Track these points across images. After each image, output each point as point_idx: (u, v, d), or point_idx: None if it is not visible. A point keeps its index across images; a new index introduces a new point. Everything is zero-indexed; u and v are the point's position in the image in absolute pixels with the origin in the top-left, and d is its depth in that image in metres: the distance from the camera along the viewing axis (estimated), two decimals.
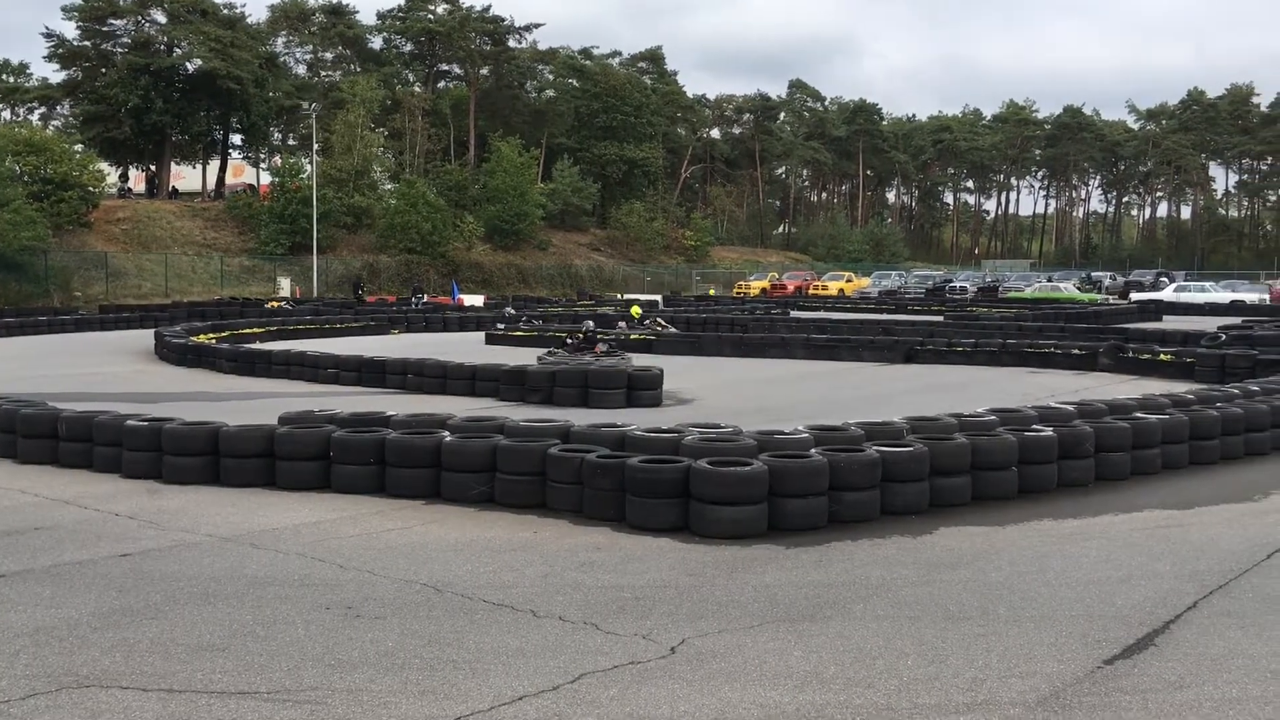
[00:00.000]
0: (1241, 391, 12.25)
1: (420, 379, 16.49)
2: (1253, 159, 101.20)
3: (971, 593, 6.23)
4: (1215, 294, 46.38)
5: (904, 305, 45.66)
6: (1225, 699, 4.64)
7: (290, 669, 4.87)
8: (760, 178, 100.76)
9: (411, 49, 75.44)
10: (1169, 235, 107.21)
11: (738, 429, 9.12)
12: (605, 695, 4.60)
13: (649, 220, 72.91)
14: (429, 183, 59.35)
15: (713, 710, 4.45)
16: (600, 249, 70.64)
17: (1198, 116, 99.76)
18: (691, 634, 5.42)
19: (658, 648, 5.21)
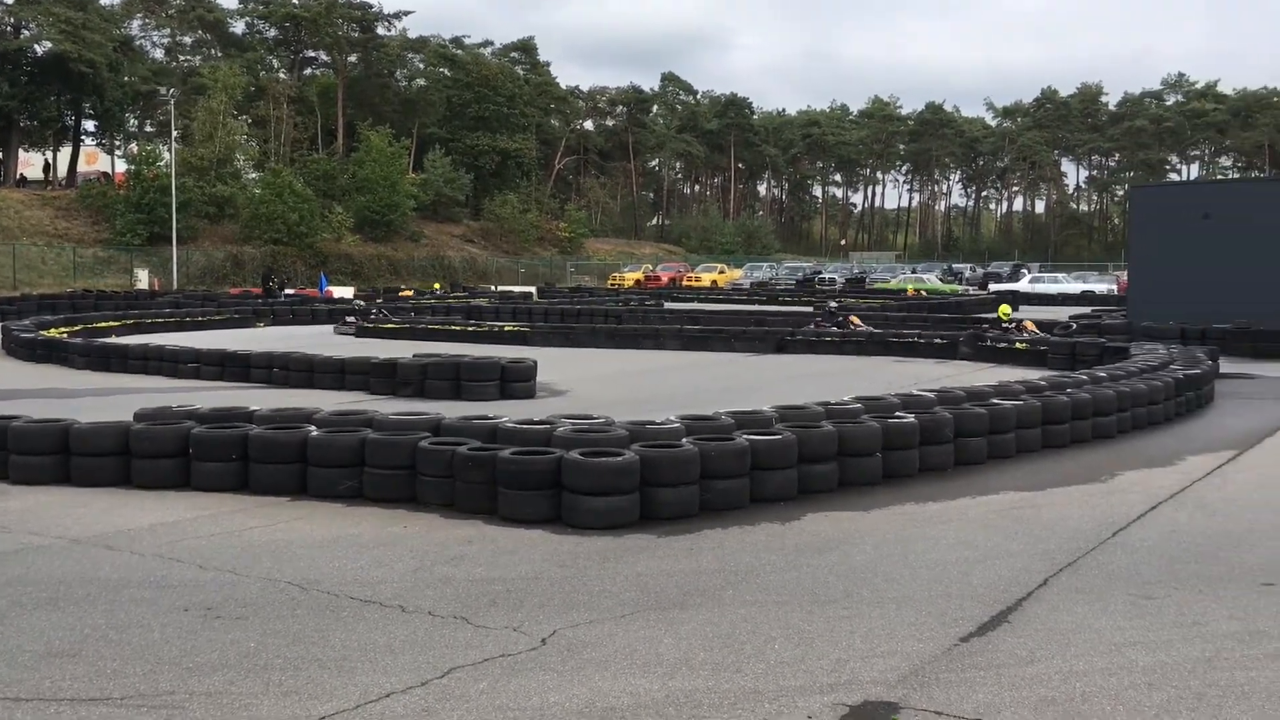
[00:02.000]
0: (1090, 378, 12.80)
1: (286, 373, 16.08)
2: (1102, 155, 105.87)
3: (837, 576, 6.37)
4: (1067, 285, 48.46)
5: (775, 296, 46.44)
6: (1072, 671, 4.85)
7: (145, 673, 4.71)
8: (634, 170, 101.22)
9: (276, 34, 73.45)
10: (1025, 228, 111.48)
11: (610, 420, 9.15)
12: (475, 689, 4.56)
13: (523, 212, 72.50)
14: (295, 172, 57.81)
15: (583, 699, 4.47)
16: (474, 240, 69.97)
17: (1051, 114, 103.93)
18: (563, 625, 5.42)
19: (529, 639, 5.20)
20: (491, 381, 14.88)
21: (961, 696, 4.54)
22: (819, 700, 4.48)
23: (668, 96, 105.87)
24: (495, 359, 15.68)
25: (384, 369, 15.28)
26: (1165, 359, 15.35)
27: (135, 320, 27.27)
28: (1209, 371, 15.12)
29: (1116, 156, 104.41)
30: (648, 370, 19.18)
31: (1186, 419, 13.27)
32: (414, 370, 15.03)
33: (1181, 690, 4.62)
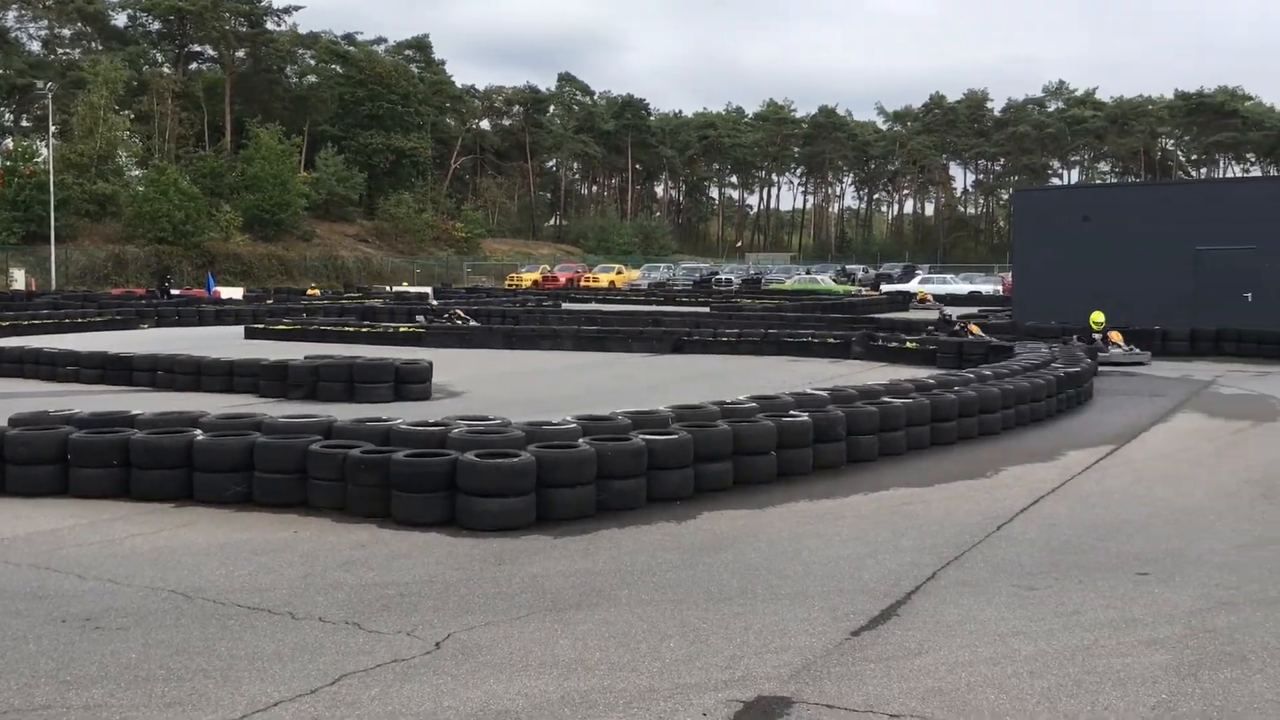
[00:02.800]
0: (976, 376, 13.15)
1: (171, 376, 15.60)
2: (988, 160, 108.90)
3: (732, 574, 6.43)
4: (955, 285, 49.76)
5: (672, 297, 46.73)
6: (958, 662, 4.97)
7: (20, 688, 4.52)
8: (531, 170, 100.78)
9: (160, 28, 71.37)
10: (915, 230, 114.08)
11: (506, 421, 9.09)
12: (366, 695, 4.49)
13: (418, 211, 71.65)
14: (181, 169, 56.22)
15: (477, 703, 4.43)
16: (368, 240, 68.88)
17: (939, 119, 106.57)
18: (457, 628, 5.36)
19: (422, 644, 5.13)
20: (385, 383, 14.67)
21: (852, 689, 4.62)
22: (714, 697, 4.52)
23: (565, 97, 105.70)
24: (389, 360, 15.45)
25: (274, 371, 14.94)
26: (1047, 357, 15.85)
27: (11, 322, 26.19)
28: (1088, 369, 15.66)
29: (1002, 161, 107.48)
30: (545, 371, 19.11)
31: (1067, 415, 13.72)
32: (305, 372, 14.72)
33: (1062, 678, 4.77)
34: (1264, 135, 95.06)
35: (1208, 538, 7.40)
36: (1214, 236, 23.91)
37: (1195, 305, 23.30)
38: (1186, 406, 14.61)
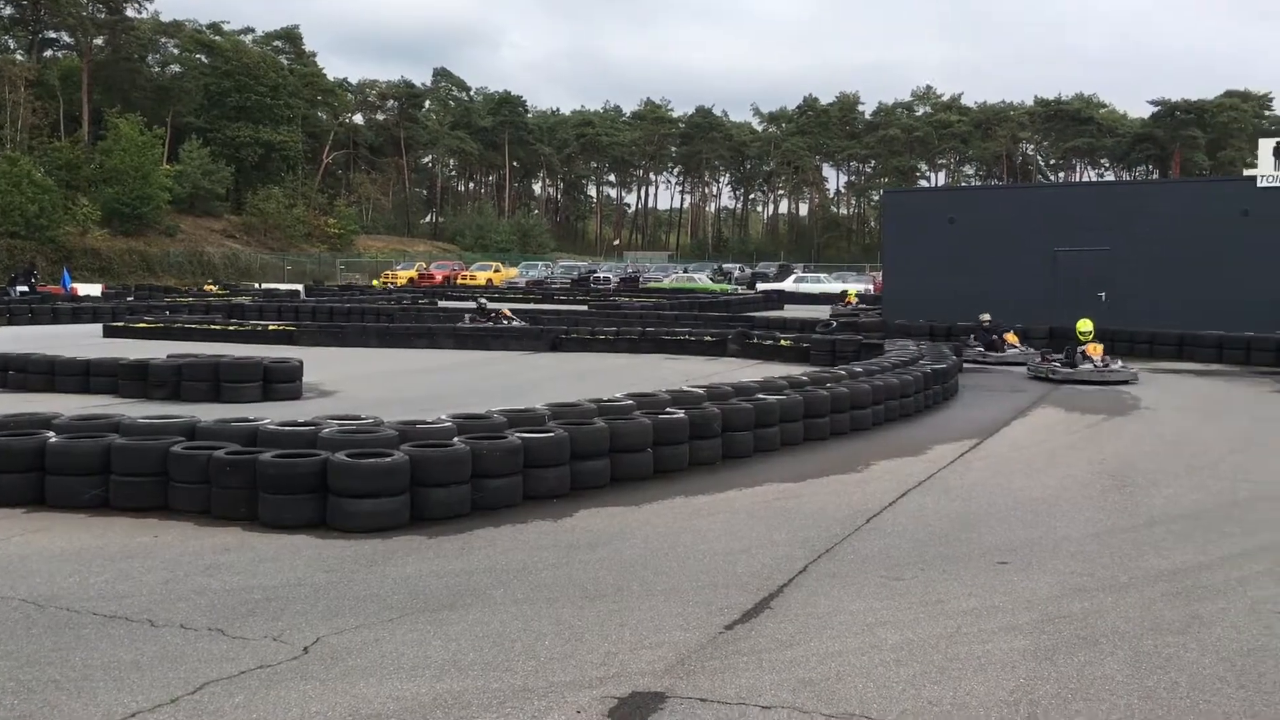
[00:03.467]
0: (848, 373, 13.45)
1: (24, 375, 14.88)
2: (859, 162, 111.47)
3: (608, 571, 6.44)
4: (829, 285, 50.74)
5: (550, 295, 46.59)
6: (829, 652, 5.07)
7: None
8: (406, 166, 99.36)
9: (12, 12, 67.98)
10: (790, 230, 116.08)
11: (379, 420, 8.93)
12: (230, 703, 4.35)
13: (289, 207, 69.89)
14: (35, 160, 53.67)
15: (346, 708, 4.33)
16: (236, 236, 66.89)
17: (812, 121, 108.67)
18: (327, 632, 5.24)
19: (289, 649, 5.00)
20: (253, 383, 14.27)
21: (725, 682, 4.66)
22: (588, 694, 4.51)
23: (440, 92, 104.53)
24: (257, 359, 15.02)
25: (134, 370, 14.38)
26: (915, 355, 16.31)
27: None
28: (954, 366, 16.17)
29: (872, 163, 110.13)
30: (421, 370, 18.85)
31: (934, 410, 14.13)
32: (167, 371, 14.22)
33: (926, 665, 4.91)
34: (1116, 141, 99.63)
35: (1063, 527, 7.70)
36: (1071, 238, 24.94)
37: (1054, 304, 24.26)
38: (1045, 401, 15.19)
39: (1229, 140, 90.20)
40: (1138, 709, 4.43)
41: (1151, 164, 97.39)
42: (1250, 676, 4.80)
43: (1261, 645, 5.22)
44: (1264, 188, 23.57)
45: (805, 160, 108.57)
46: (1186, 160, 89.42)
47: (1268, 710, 4.42)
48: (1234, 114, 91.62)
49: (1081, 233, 24.90)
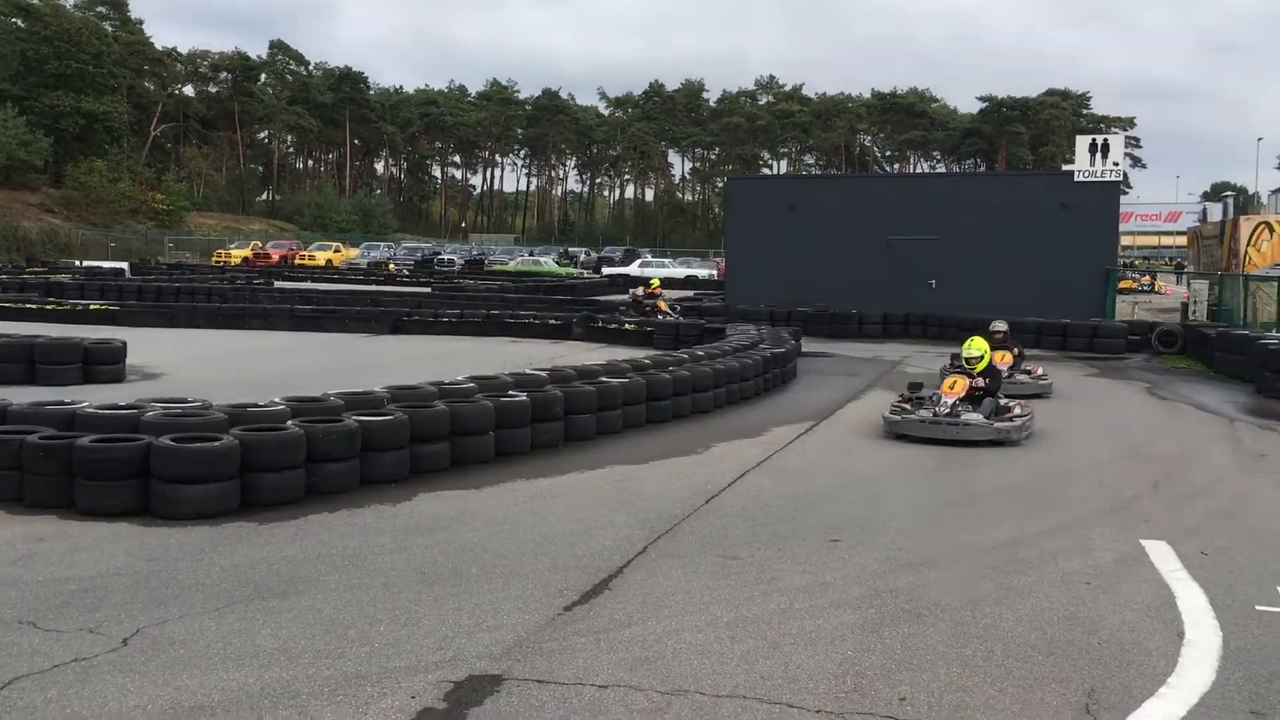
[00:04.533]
0: (690, 357, 13.63)
1: None
2: (704, 148, 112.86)
3: (446, 555, 6.37)
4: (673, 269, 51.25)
5: (392, 277, 45.72)
6: (666, 631, 5.13)
7: None
8: (240, 141, 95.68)
9: None
10: (636, 215, 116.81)
11: (207, 403, 8.60)
12: (42, 698, 4.13)
13: (113, 181, 66.45)
14: None
15: (168, 700, 4.17)
16: (54, 210, 63.26)
17: (658, 107, 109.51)
18: (148, 623, 5.03)
19: (107, 641, 4.78)
20: (72, 364, 13.58)
21: (563, 664, 4.67)
22: (424, 679, 4.46)
23: (277, 65, 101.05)
24: (77, 339, 14.28)
25: None
26: (756, 339, 16.63)
27: None
28: (792, 350, 16.56)
29: (717, 150, 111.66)
30: (255, 351, 18.25)
31: (773, 393, 14.46)
32: None
33: (759, 641, 5.02)
34: (947, 135, 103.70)
35: (891, 505, 7.99)
36: (904, 227, 25.83)
37: (888, 291, 25.10)
38: (878, 385, 15.72)
39: (1050, 136, 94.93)
40: (956, 676, 4.64)
41: (979, 157, 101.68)
42: (1060, 644, 5.07)
43: (1071, 614, 5.52)
44: (1080, 182, 24.88)
45: (651, 146, 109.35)
46: (1011, 154, 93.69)
47: (1076, 675, 4.68)
48: (1055, 111, 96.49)
49: (914, 222, 25.81)
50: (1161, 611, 5.59)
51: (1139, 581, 6.13)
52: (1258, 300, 21.71)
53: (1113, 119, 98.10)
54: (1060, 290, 23.85)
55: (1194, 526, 7.47)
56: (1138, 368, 18.71)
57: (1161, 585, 6.05)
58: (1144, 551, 6.75)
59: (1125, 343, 20.91)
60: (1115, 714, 4.27)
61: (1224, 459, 10.25)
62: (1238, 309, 22.06)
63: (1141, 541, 6.98)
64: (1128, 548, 6.86)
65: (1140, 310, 29.00)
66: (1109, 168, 24.96)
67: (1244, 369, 16.28)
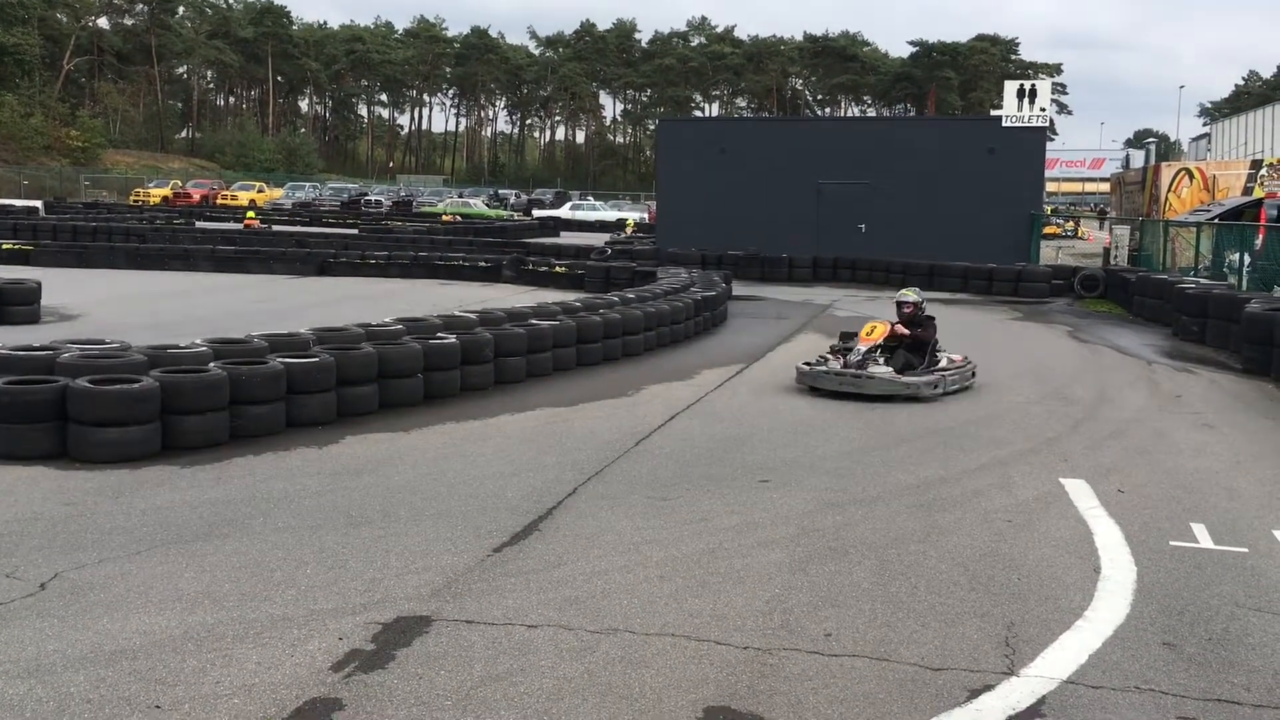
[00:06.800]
0: (621, 300, 13.59)
1: None
2: (636, 90, 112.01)
3: (374, 498, 6.31)
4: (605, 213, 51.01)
5: (319, 218, 44.86)
6: (595, 571, 5.15)
7: None
8: (158, 76, 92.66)
9: None
10: (567, 157, 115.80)
11: (126, 344, 8.39)
12: None
13: (25, 116, 64.18)
14: None
15: (88, 645, 4.08)
16: None
17: (590, 47, 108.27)
18: (67, 566, 4.92)
19: (24, 585, 4.67)
20: None
21: (492, 604, 4.67)
22: (351, 620, 4.42)
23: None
24: None
25: None
26: (687, 282, 16.63)
27: None
28: (723, 294, 16.60)
29: (649, 92, 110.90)
30: (175, 293, 17.84)
31: (704, 336, 14.51)
32: None
33: (688, 580, 5.06)
34: (879, 79, 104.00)
35: (820, 446, 8.08)
36: (834, 171, 25.92)
37: (818, 235, 25.23)
38: (808, 328, 15.83)
39: (979, 81, 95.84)
40: (881, 612, 4.72)
41: (909, 102, 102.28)
42: (982, 580, 5.19)
43: (992, 550, 5.65)
44: (1008, 127, 25.12)
45: (582, 87, 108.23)
46: (941, 100, 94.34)
47: (996, 609, 4.79)
48: (984, 57, 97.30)
49: (844, 166, 25.90)
50: (1079, 547, 5.74)
51: (1058, 518, 6.28)
52: (1177, 245, 22.20)
53: (1040, 65, 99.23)
54: (987, 234, 24.16)
55: (1111, 465, 7.67)
56: (1061, 311, 19.07)
57: (1079, 522, 6.21)
58: (1063, 490, 6.92)
59: (1049, 287, 21.28)
60: (1033, 646, 4.38)
61: (1142, 400, 10.52)
62: (1157, 254, 22.56)
63: (1061, 480, 7.15)
64: (1048, 486, 7.02)
65: (1064, 255, 29.58)
66: (1036, 113, 25.22)
67: (1162, 313, 16.67)
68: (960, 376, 10.47)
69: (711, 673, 4.05)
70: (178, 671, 3.89)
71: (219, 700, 3.68)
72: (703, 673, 4.04)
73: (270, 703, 3.67)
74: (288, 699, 3.71)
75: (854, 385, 9.82)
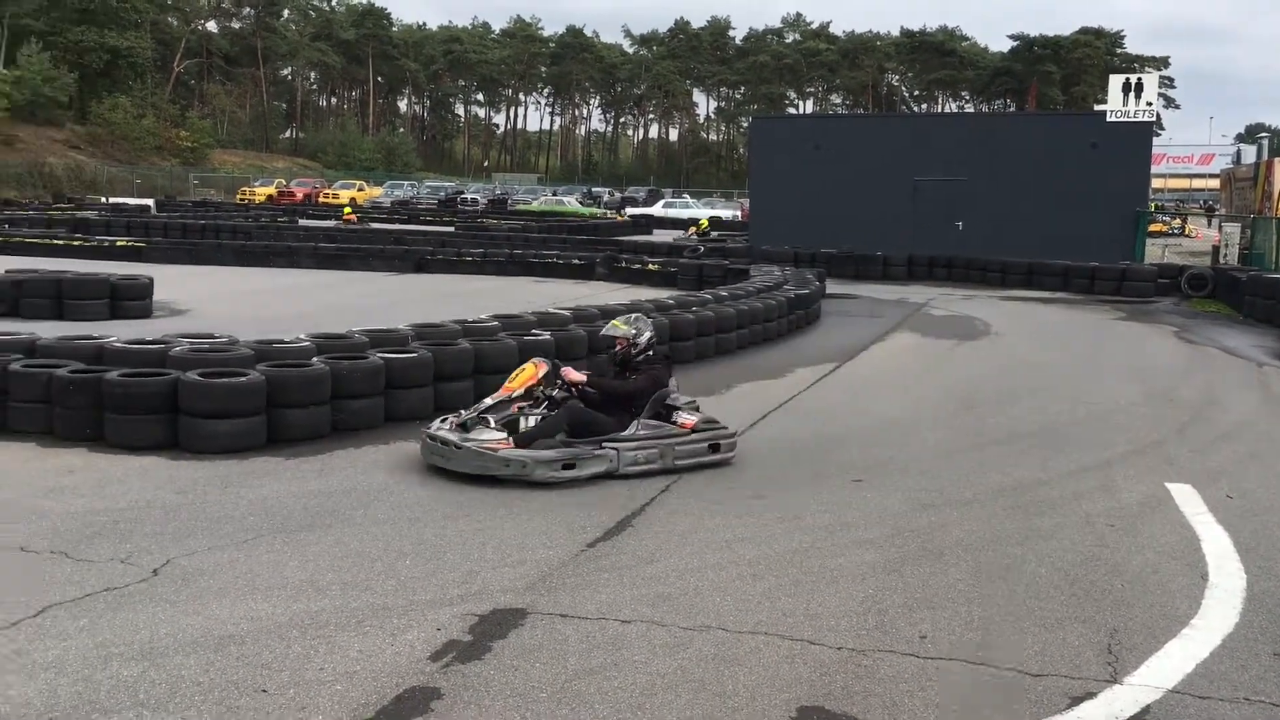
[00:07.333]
0: (714, 297, 13.58)
1: None
2: (729, 88, 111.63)
3: (469, 491, 6.40)
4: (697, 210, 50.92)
5: (416, 216, 45.63)
6: (687, 567, 5.17)
7: None
8: (264, 78, 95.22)
9: None
10: (660, 155, 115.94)
11: (234, 338, 8.66)
12: (74, 626, 4.21)
13: (138, 117, 66.42)
14: None
15: (198, 629, 4.23)
16: (80, 147, 63.35)
17: (684, 45, 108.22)
18: (178, 553, 5.10)
19: (138, 571, 4.85)
20: (99, 300, 13.70)
21: (586, 599, 4.71)
22: (449, 611, 4.51)
23: (300, 1, 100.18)
24: (104, 275, 14.38)
25: None
26: (780, 280, 16.54)
27: None
28: (817, 292, 16.48)
29: (742, 89, 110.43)
30: (280, 289, 18.32)
31: (797, 335, 14.42)
32: (5, 286, 13.52)
33: (781, 578, 5.05)
34: (977, 74, 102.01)
35: (915, 446, 7.98)
36: (931, 168, 25.52)
37: (914, 233, 24.86)
38: (903, 327, 15.63)
39: (1082, 76, 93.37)
40: (978, 615, 4.65)
41: (1009, 97, 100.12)
42: (1082, 585, 5.08)
43: (1093, 555, 5.52)
44: (1113, 122, 24.47)
45: (676, 84, 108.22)
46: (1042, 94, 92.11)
47: (1099, 615, 4.68)
48: (1087, 50, 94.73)
49: (941, 163, 25.49)
50: (1186, 554, 5.58)
51: (1163, 524, 6.11)
52: None
53: (1146, 59, 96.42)
54: (1089, 232, 23.57)
55: (1220, 470, 7.43)
56: (1167, 311, 18.52)
57: (1186, 528, 6.04)
58: (1169, 494, 6.73)
59: (1154, 286, 20.67)
60: (1138, 654, 4.28)
61: (1252, 403, 10.17)
62: (1270, 252, 21.75)
63: (1166, 484, 6.96)
64: (1152, 490, 6.84)
65: (1170, 253, 28.70)
66: (1142, 108, 24.52)
67: (1274, 313, 16.09)
68: (691, 448, 7.03)
69: (805, 672, 4.03)
70: (283, 657, 4.01)
71: (322, 686, 3.79)
72: (796, 672, 4.03)
73: (371, 690, 3.77)
74: (388, 687, 3.79)
75: (441, 457, 6.78)
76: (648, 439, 6.91)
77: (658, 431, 7.00)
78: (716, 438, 7.16)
